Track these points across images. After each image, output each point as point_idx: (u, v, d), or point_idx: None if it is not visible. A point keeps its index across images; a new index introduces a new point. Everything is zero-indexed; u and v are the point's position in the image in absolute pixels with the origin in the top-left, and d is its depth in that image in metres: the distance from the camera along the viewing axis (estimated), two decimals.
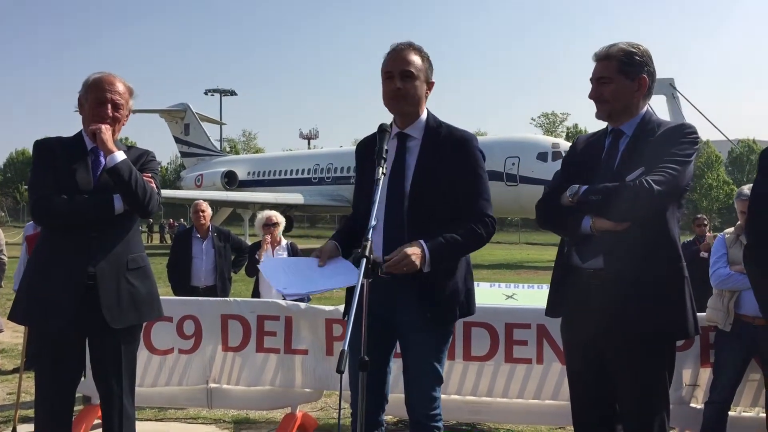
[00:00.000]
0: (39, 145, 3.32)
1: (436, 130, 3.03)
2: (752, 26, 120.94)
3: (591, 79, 2.97)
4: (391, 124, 3.07)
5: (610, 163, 2.92)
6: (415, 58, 2.96)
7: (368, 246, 2.42)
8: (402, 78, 2.94)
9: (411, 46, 2.99)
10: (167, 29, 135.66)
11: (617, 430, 3.02)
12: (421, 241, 2.81)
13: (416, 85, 2.96)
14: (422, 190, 2.93)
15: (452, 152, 2.97)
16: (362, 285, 2.37)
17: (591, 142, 3.10)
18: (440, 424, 3.00)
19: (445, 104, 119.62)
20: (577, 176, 2.93)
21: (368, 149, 3.03)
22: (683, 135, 2.84)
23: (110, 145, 3.21)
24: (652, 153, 2.80)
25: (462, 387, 4.58)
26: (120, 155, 3.22)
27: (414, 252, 2.74)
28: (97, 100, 3.25)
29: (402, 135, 3.03)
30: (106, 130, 3.22)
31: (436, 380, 2.99)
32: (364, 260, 2.38)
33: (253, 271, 6.64)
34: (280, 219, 6.66)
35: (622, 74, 2.89)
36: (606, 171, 2.89)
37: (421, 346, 2.96)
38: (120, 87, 3.29)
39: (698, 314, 2.97)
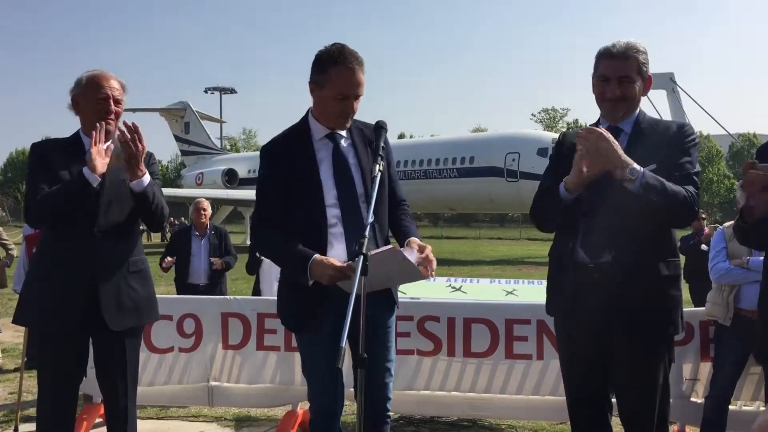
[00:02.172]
0: (35, 148, 3.28)
1: (357, 127, 3.03)
2: (752, 19, 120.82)
3: (606, 76, 2.89)
4: (305, 119, 3.02)
5: None
6: (363, 78, 2.90)
7: (365, 243, 2.42)
8: (356, 100, 2.91)
9: (358, 61, 2.87)
10: (167, 28, 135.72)
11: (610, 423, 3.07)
12: (414, 237, 2.94)
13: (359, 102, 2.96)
14: (371, 185, 2.87)
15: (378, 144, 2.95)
16: (359, 282, 2.36)
17: None
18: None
19: (446, 100, 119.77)
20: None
21: (287, 150, 2.94)
22: (691, 141, 2.90)
23: (143, 165, 3.15)
24: (666, 157, 2.81)
25: (462, 383, 4.58)
26: (147, 177, 3.17)
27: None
28: (99, 96, 3.22)
29: (333, 135, 2.99)
30: (143, 148, 3.10)
31: (393, 364, 3.08)
32: (362, 257, 2.38)
33: (253, 269, 6.65)
34: None
35: (638, 74, 2.90)
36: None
37: (389, 337, 3.03)
38: (116, 83, 3.28)
39: (698, 308, 2.99)
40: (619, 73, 2.88)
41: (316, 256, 2.74)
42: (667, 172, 2.78)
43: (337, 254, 2.83)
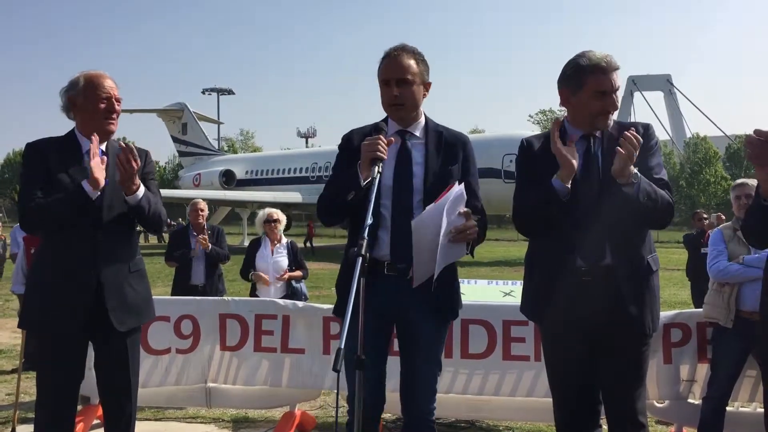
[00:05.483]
0: (30, 148, 3.23)
1: (437, 130, 3.10)
2: (749, 21, 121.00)
3: (606, 91, 2.87)
4: (385, 120, 3.08)
5: (592, 167, 2.94)
6: (411, 63, 2.97)
7: (364, 244, 2.42)
8: (399, 85, 2.96)
9: (405, 50, 2.98)
10: (165, 29, 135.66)
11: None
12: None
13: (413, 90, 2.99)
14: (433, 187, 2.93)
15: (458, 152, 3.06)
16: (359, 283, 2.35)
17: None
18: (434, 420, 3.04)
19: (444, 101, 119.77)
20: (549, 178, 2.90)
21: (360, 142, 2.91)
22: (656, 143, 3.04)
23: (137, 179, 3.17)
24: (639, 161, 2.86)
25: (460, 384, 4.57)
26: (141, 191, 3.20)
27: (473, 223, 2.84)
28: (102, 95, 3.20)
29: (403, 132, 3.05)
30: (136, 166, 3.14)
31: (438, 375, 3.06)
32: (360, 259, 2.37)
33: (247, 275, 6.67)
34: (281, 216, 6.65)
35: None
36: (591, 174, 2.91)
37: (433, 342, 3.02)
38: (112, 82, 3.27)
39: (695, 310, 3.03)
40: (616, 86, 2.93)
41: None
42: (643, 174, 2.86)
43: (382, 244, 2.93)
